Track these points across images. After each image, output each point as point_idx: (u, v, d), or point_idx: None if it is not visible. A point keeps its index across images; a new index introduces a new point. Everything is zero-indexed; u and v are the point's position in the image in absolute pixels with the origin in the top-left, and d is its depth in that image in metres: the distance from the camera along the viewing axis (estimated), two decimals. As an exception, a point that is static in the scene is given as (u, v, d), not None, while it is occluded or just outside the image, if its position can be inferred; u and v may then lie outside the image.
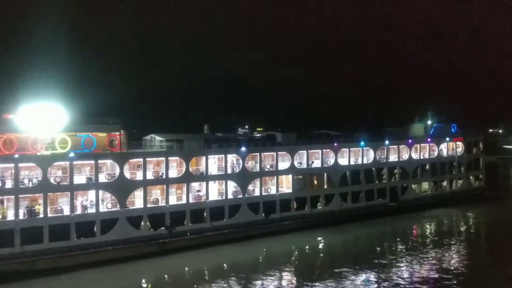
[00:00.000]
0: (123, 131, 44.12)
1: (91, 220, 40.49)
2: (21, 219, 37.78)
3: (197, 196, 46.76)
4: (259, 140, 54.98)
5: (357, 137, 60.06)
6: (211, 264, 41.25)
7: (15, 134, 38.61)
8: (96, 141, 41.73)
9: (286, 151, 53.07)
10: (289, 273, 39.07)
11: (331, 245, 48.12)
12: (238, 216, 48.15)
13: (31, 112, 39.35)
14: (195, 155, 47.18)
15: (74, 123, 41.42)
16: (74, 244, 39.29)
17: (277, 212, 50.84)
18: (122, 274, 37.74)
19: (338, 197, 55.80)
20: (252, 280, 36.56)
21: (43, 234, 38.15)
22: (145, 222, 42.98)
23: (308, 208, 53.33)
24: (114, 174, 42.37)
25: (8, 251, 36.71)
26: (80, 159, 40.76)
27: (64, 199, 40.17)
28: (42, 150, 40.04)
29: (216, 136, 54.87)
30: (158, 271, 39.30)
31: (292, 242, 47.82)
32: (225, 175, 48.26)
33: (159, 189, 44.94)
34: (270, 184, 52.05)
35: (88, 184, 41.17)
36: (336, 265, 39.84)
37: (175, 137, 49.33)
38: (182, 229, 44.47)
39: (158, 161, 45.54)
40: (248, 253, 44.09)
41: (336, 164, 56.40)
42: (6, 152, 37.86)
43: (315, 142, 56.27)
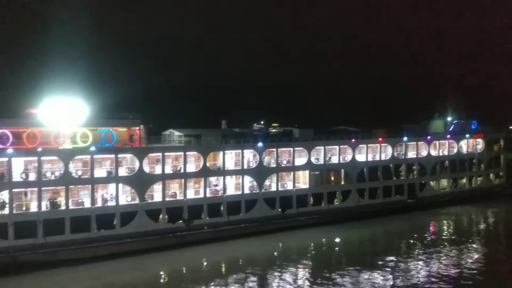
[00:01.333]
0: (142, 126, 44.86)
1: (111, 212, 41.41)
2: (43, 210, 38.87)
3: (214, 190, 47.32)
4: (276, 136, 55.21)
5: (375, 133, 59.77)
6: (227, 257, 41.83)
7: (38, 128, 39.63)
8: (117, 136, 42.57)
9: (303, 147, 53.19)
10: (305, 268, 39.32)
11: (348, 241, 48.19)
12: (254, 211, 48.57)
13: (53, 106, 40.33)
14: (212, 150, 47.72)
15: (95, 117, 42.33)
16: (95, 236, 40.28)
17: (294, 208, 51.09)
18: (141, 266, 38.56)
19: (355, 193, 55.72)
20: (268, 274, 36.98)
21: (64, 226, 39.19)
22: (164, 215, 43.75)
23: (324, 204, 53.44)
24: (134, 168, 43.20)
25: (31, 241, 37.83)
26: (101, 153, 41.67)
27: (85, 192, 41.15)
28: (64, 144, 41.02)
29: (233, 132, 55.31)
30: (176, 263, 40.04)
31: (309, 237, 48.04)
32: (242, 170, 48.67)
33: (177, 183, 45.64)
34: (286, 180, 52.30)
35: (108, 177, 42.08)
36: (352, 261, 39.93)
37: (193, 132, 49.94)
38: (200, 223, 45.13)
39: (177, 155, 46.21)
40: (264, 247, 44.50)
41: (353, 160, 56.28)
42: (30, 145, 38.94)
43: (333, 138, 56.24)
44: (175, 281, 36.67)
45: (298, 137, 56.03)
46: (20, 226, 37.53)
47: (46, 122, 40.01)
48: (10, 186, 37.93)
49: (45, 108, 40.27)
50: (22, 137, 38.86)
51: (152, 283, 35.81)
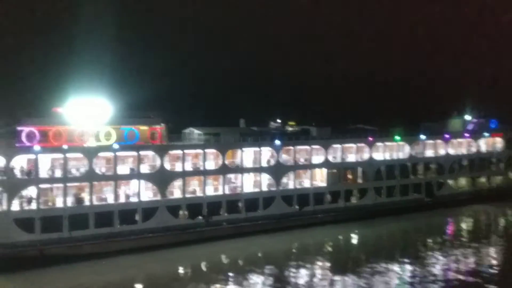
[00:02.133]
0: (163, 124, 46.03)
1: (133, 208, 42.68)
2: (69, 206, 40.29)
3: (233, 187, 48.24)
4: (293, 134, 55.84)
5: (392, 131, 59.93)
6: (246, 253, 42.57)
7: (63, 127, 41.09)
8: (139, 134, 43.82)
9: (320, 145, 53.72)
10: (322, 265, 39.83)
11: (365, 239, 48.52)
12: (272, 208, 49.33)
13: (78, 105, 41.80)
14: (231, 148, 48.64)
15: (118, 116, 43.72)
16: (117, 231, 41.58)
17: (311, 205, 51.68)
18: (162, 260, 39.64)
19: (372, 191, 56.02)
20: (285, 270, 37.61)
21: (88, 221, 40.58)
22: (184, 211, 44.84)
23: (342, 201, 53.89)
24: (155, 165, 44.37)
25: (57, 235, 39.29)
26: (124, 150, 42.96)
27: (109, 188, 42.47)
28: (89, 142, 42.40)
29: (251, 130, 56.11)
30: (195, 258, 40.96)
31: (325, 235, 48.54)
32: (259, 167, 49.49)
33: (197, 180, 46.70)
34: (304, 177, 52.92)
35: (130, 174, 43.33)
36: (369, 259, 40.29)
37: (212, 130, 50.91)
38: (218, 219, 46.11)
39: (196, 153, 47.24)
40: (282, 244, 45.15)
41: (370, 158, 56.59)
42: (56, 143, 40.41)
43: (350, 136, 56.64)
44: (195, 275, 37.66)
45: (316, 135, 56.60)
46: (47, 220, 39.04)
47: (72, 121, 41.45)
48: (37, 182, 39.45)
49: (70, 107, 41.74)
50: (49, 135, 40.38)
51: (173, 277, 36.83)
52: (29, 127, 39.84)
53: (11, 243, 37.41)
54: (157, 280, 35.75)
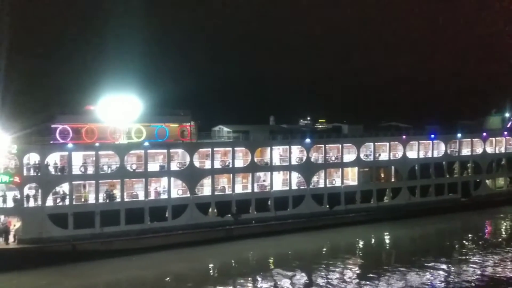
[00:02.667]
0: (193, 122, 46.21)
1: (163, 205, 43.01)
2: (101, 202, 40.98)
3: (262, 185, 47.93)
4: (324, 132, 54.99)
5: (428, 129, 58.20)
6: (275, 251, 42.27)
7: (96, 124, 41.78)
8: (169, 132, 44.12)
9: (351, 143, 52.70)
10: (353, 265, 39.06)
11: (398, 240, 47.32)
12: (302, 207, 48.74)
13: (110, 103, 42.37)
14: (260, 146, 48.31)
15: (148, 114, 44.13)
16: (148, 227, 42.01)
17: (342, 204, 50.80)
18: (191, 257, 39.84)
19: (406, 191, 54.56)
20: (315, 270, 37.09)
21: (120, 217, 41.17)
22: (213, 208, 44.90)
23: (374, 201, 52.73)
24: (185, 162, 44.56)
25: (89, 231, 40.05)
26: (154, 148, 43.35)
27: (139, 185, 42.96)
28: (120, 139, 43.00)
29: (281, 128, 55.63)
30: (224, 255, 40.99)
31: (357, 235, 47.63)
32: (289, 166, 48.98)
33: (226, 178, 46.64)
34: (335, 176, 52.05)
35: (161, 171, 43.67)
36: (402, 260, 39.22)
37: (241, 128, 50.76)
38: (247, 217, 45.91)
39: (225, 151, 47.19)
40: (311, 243, 44.57)
41: (404, 157, 55.11)
42: (88, 140, 41.17)
43: (383, 134, 55.34)
44: (224, 273, 37.63)
45: (347, 133, 55.58)
46: (79, 216, 39.82)
47: (104, 118, 42.09)
48: (70, 178, 40.29)
49: (102, 105, 42.35)
50: (81, 132, 41.15)
51: (202, 274, 36.89)
52: (63, 125, 40.71)
53: (46, 238, 38.38)
54: (186, 277, 35.85)
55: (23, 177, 38.84)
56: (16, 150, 38.82)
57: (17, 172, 38.71)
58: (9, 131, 39.74)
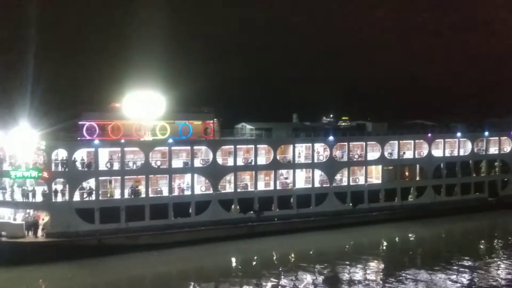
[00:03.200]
0: (216, 119, 46.52)
1: (187, 201, 43.49)
2: (126, 198, 41.70)
3: (285, 183, 47.93)
4: (347, 130, 54.60)
5: (453, 127, 57.13)
6: (297, 249, 42.24)
7: (121, 121, 42.52)
8: (192, 129, 44.54)
9: (376, 141, 52.18)
10: (376, 264, 38.80)
11: (422, 239, 46.66)
12: (325, 205, 48.55)
13: (135, 101, 43.06)
14: (282, 143, 48.30)
15: (172, 111, 44.63)
16: (172, 223, 42.56)
17: (365, 203, 50.39)
18: (214, 254, 40.14)
19: (431, 190, 53.74)
20: (338, 268, 36.91)
21: (144, 212, 41.81)
22: (235, 205, 45.15)
23: (398, 199, 52.12)
24: (208, 159, 44.93)
25: (115, 226, 40.81)
26: (178, 145, 43.84)
27: (163, 181, 43.51)
28: (145, 136, 43.65)
29: (304, 125, 55.48)
30: (247, 252, 41.20)
31: (380, 234, 47.22)
32: (312, 163, 48.82)
33: (248, 175, 46.83)
34: (358, 174, 51.65)
35: (184, 168, 44.14)
36: (426, 260, 38.78)
37: (264, 125, 50.82)
38: (270, 214, 46.01)
39: (248, 148, 47.35)
40: (334, 242, 44.37)
41: (429, 155, 54.28)
42: (114, 137, 41.92)
43: (408, 132, 54.60)
44: (247, 269, 37.78)
45: (371, 131, 55.03)
46: (105, 211, 40.56)
47: (129, 115, 42.81)
48: (96, 174, 41.10)
49: (128, 102, 43.05)
50: (107, 129, 41.96)
51: (225, 270, 37.17)
52: (89, 122, 41.57)
53: (73, 232, 39.32)
54: (209, 273, 36.22)
55: (51, 173, 39.82)
56: (44, 146, 39.78)
57: (46, 168, 39.72)
58: (38, 127, 40.79)
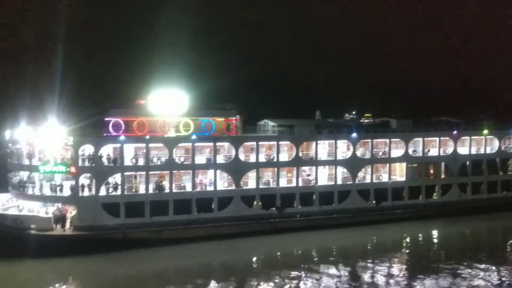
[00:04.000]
0: (238, 116, 46.88)
1: (209, 197, 44.02)
2: (150, 193, 42.47)
3: (307, 180, 47.92)
4: (371, 126, 54.16)
5: (480, 125, 55.99)
6: (319, 246, 42.20)
7: (146, 118, 43.28)
8: (215, 125, 45.03)
9: (400, 138, 51.63)
10: (399, 262, 38.50)
11: (447, 238, 46.02)
12: (347, 202, 48.34)
13: (160, 98, 43.81)
14: (305, 140, 48.28)
15: (196, 108, 45.22)
16: (195, 218, 43.14)
17: (389, 200, 49.94)
18: (236, 249, 40.53)
19: (456, 188, 52.88)
20: (360, 266, 36.73)
21: (168, 207, 42.50)
22: (257, 201, 45.43)
23: (422, 197, 51.48)
24: (230, 156, 45.31)
25: (140, 220, 41.62)
26: (201, 141, 44.33)
27: (187, 177, 44.13)
28: (169, 132, 44.32)
29: (327, 122, 55.26)
30: (269, 248, 41.41)
31: (404, 231, 46.75)
32: (334, 160, 48.65)
33: (270, 172, 46.98)
34: (382, 172, 51.21)
35: (207, 164, 44.65)
36: (451, 259, 38.09)
37: (287, 122, 50.91)
38: (292, 211, 46.10)
39: (270, 145, 47.51)
40: (357, 239, 44.10)
41: (455, 153, 53.39)
42: (139, 133, 42.72)
43: (433, 129, 53.81)
44: (268, 265, 37.79)
45: (396, 128, 54.45)
46: (130, 206, 41.42)
47: (154, 112, 43.54)
48: (122, 169, 41.96)
49: (153, 99, 43.85)
50: (133, 125, 42.78)
51: (247, 265, 37.50)
52: (115, 118, 42.45)
53: (99, 225, 40.30)
54: (232, 268, 36.54)
55: (79, 168, 40.85)
56: (72, 142, 40.80)
57: (73, 163, 40.77)
58: (66, 124, 41.95)
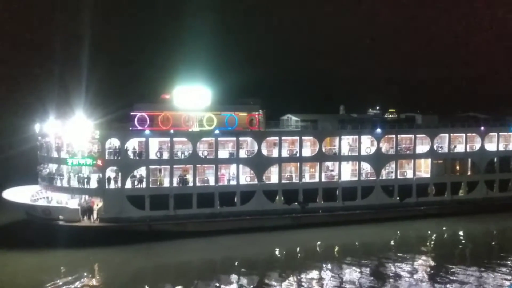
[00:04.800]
0: (261, 111, 46.99)
1: (232, 191, 44.37)
2: (175, 186, 43.11)
3: (330, 175, 47.76)
4: (396, 122, 53.47)
5: (508, 120, 54.61)
6: (342, 241, 42.09)
7: (171, 112, 43.90)
8: (238, 120, 45.29)
9: (425, 134, 50.86)
10: (423, 260, 38.00)
11: (473, 235, 45.16)
12: (371, 198, 47.98)
13: (184, 93, 44.41)
14: (328, 135, 48.09)
15: (219, 103, 45.70)
16: (218, 212, 43.60)
17: (413, 197, 49.33)
18: (258, 243, 40.82)
19: (483, 185, 51.80)
20: (383, 263, 36.51)
21: (192, 201, 43.08)
22: (280, 196, 45.54)
23: (448, 194, 50.64)
24: (253, 150, 45.55)
25: (164, 213, 42.34)
26: (224, 136, 44.72)
27: (210, 171, 44.60)
28: (193, 127, 44.85)
29: (351, 117, 54.80)
30: (291, 243, 41.48)
31: (428, 228, 46.16)
32: (358, 156, 48.31)
33: (293, 167, 47.01)
34: (406, 168, 50.59)
35: (230, 158, 44.98)
36: (477, 257, 37.53)
37: (310, 117, 50.72)
38: (314, 206, 46.07)
39: (293, 140, 47.50)
40: (380, 235, 43.79)
41: (482, 149, 52.28)
42: (164, 128, 43.37)
43: (460, 125, 52.78)
44: (290, 260, 38.12)
45: (421, 123, 53.62)
46: (155, 198, 42.18)
47: (178, 107, 44.13)
48: (147, 163, 42.72)
49: (177, 94, 44.49)
50: (157, 120, 43.42)
51: (269, 259, 37.66)
52: (140, 112, 43.19)
53: (124, 217, 41.18)
54: (253, 262, 36.78)
55: (105, 161, 41.79)
56: (99, 136, 41.79)
57: (100, 156, 41.73)
58: (93, 118, 42.96)
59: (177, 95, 44.50)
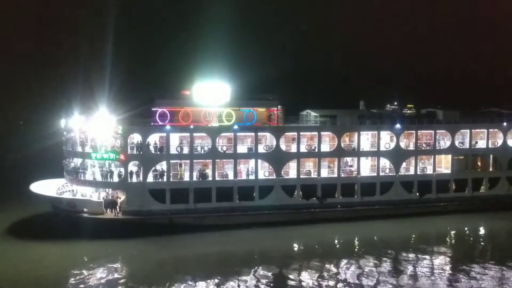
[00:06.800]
0: (280, 106, 47.37)
1: (250, 185, 44.92)
2: (194, 180, 43.92)
3: (349, 171, 47.82)
4: (416, 117, 53.06)
5: None
6: (360, 237, 42.19)
7: (191, 108, 44.69)
8: (256, 115, 45.76)
9: (445, 130, 50.37)
10: (442, 256, 37.91)
11: (494, 232, 44.78)
12: (390, 193, 47.85)
13: (204, 88, 45.07)
14: (347, 131, 48.12)
15: (238, 98, 46.16)
16: (236, 206, 44.24)
17: (433, 193, 48.97)
18: (276, 237, 41.24)
19: (505, 181, 51.02)
20: (402, 258, 36.62)
21: (211, 195, 43.83)
22: (298, 191, 45.88)
23: (468, 190, 50.10)
24: (272, 145, 45.95)
25: (184, 206, 43.21)
26: (243, 131, 45.29)
27: (229, 166, 45.22)
28: (212, 122, 45.55)
29: (370, 112, 54.62)
30: (309, 238, 41.80)
31: (448, 225, 45.83)
32: (377, 151, 48.23)
33: (311, 162, 47.26)
34: (426, 163, 50.23)
35: (249, 153, 45.52)
36: (498, 255, 37.19)
37: (329, 112, 50.78)
38: (333, 201, 46.25)
39: (312, 135, 47.72)
40: (399, 231, 43.71)
41: (504, 145, 51.46)
42: (184, 123, 44.19)
43: (481, 120, 52.04)
44: (309, 254, 38.37)
45: (442, 119, 53.06)
46: (175, 192, 43.08)
47: (198, 103, 44.85)
48: (168, 157, 43.62)
49: (197, 90, 45.18)
50: (178, 115, 44.27)
51: (287, 254, 38.10)
52: (161, 108, 44.08)
53: (146, 211, 42.22)
54: (272, 256, 37.17)
55: (127, 155, 42.82)
56: (121, 131, 42.85)
57: (122, 151, 42.79)
58: (115, 113, 44.08)
59: (197, 91, 45.21)
